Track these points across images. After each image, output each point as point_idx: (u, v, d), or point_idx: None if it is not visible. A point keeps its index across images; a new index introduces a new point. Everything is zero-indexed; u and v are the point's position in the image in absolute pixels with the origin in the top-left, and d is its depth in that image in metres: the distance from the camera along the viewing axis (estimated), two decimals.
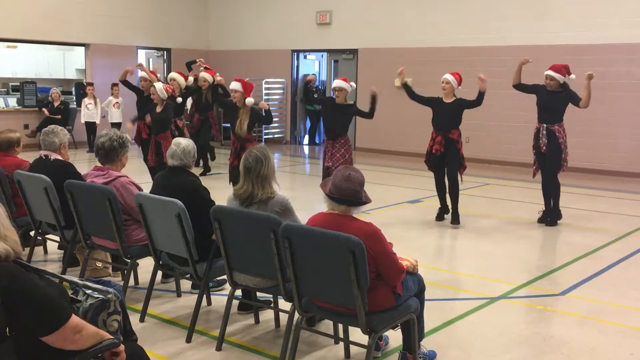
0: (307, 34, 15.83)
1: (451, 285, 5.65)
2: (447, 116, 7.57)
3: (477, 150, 13.16)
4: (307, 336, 4.29)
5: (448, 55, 13.56)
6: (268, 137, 16.62)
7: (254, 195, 4.01)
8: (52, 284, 2.56)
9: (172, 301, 5.03)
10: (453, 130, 7.54)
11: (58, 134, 5.46)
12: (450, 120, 7.55)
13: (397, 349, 4.03)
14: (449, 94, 7.62)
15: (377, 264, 3.39)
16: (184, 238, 4.16)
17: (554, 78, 7.52)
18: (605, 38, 11.76)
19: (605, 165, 12.00)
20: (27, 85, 14.92)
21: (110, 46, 15.62)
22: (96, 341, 2.51)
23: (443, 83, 7.64)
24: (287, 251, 3.50)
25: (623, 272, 6.04)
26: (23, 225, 5.72)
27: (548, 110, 7.65)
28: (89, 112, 14.27)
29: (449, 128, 7.54)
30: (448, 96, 7.63)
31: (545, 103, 7.64)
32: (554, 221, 7.74)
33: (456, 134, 7.56)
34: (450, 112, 7.56)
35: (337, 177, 3.47)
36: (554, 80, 7.53)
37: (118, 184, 4.74)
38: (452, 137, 7.52)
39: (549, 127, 7.61)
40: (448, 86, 7.60)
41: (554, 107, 7.62)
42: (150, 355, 2.92)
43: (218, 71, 10.16)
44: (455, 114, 7.57)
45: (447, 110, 7.58)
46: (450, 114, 7.56)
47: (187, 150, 4.63)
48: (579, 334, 4.53)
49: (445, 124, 7.56)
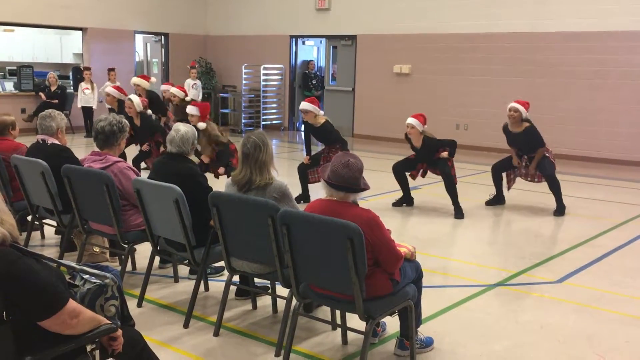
0: (306, 19, 15.75)
1: (448, 272, 5.66)
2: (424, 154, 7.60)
3: (475, 138, 13.16)
4: (305, 322, 4.30)
5: (448, 42, 13.52)
6: (266, 123, 16.58)
7: (252, 181, 4.00)
8: (49, 269, 2.56)
9: (169, 287, 5.04)
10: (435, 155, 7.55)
11: (55, 119, 5.43)
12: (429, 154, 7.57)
13: (394, 335, 4.04)
14: (416, 138, 7.50)
15: (375, 251, 3.39)
16: (181, 224, 4.16)
17: (518, 110, 7.61)
18: (606, 25, 11.72)
19: (603, 154, 12.01)
20: (24, 69, 14.84)
21: (107, 30, 15.52)
22: (93, 326, 2.51)
23: (408, 128, 7.49)
24: (285, 237, 3.50)
25: (620, 260, 6.06)
26: (20, 210, 5.71)
27: (519, 147, 7.82)
28: (86, 96, 14.20)
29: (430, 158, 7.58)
30: (417, 140, 7.54)
31: (514, 142, 7.81)
32: (561, 212, 7.73)
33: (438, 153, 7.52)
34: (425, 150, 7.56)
35: (336, 163, 3.46)
36: (517, 112, 7.61)
37: (116, 169, 4.72)
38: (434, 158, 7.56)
39: (529, 155, 7.77)
40: (413, 131, 7.44)
41: (522, 144, 7.75)
42: (148, 341, 2.92)
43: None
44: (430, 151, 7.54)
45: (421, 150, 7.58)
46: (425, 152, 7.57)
47: (186, 138, 4.62)
48: (575, 321, 4.55)
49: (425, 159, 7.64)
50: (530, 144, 7.68)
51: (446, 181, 7.53)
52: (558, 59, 12.25)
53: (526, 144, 7.71)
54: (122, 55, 15.77)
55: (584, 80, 11.99)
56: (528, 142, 7.68)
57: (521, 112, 7.59)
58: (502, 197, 8.19)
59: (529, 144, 7.69)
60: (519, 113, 7.59)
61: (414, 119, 7.43)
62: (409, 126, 7.44)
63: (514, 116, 7.62)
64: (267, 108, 16.71)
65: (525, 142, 7.69)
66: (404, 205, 7.99)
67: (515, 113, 7.61)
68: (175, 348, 3.96)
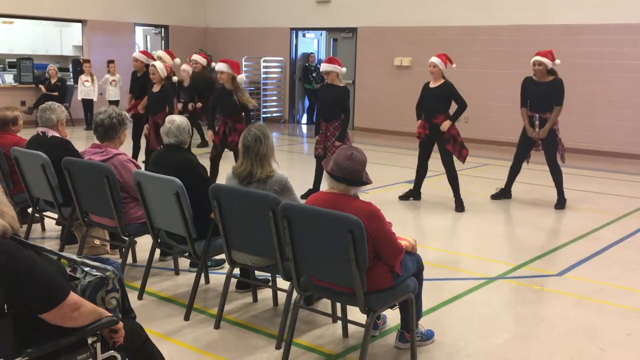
0: (306, 12, 15.69)
1: (449, 265, 5.66)
2: (433, 100, 7.39)
3: (475, 131, 13.13)
4: (305, 315, 4.30)
5: (448, 35, 13.48)
6: (266, 115, 16.56)
7: (253, 173, 4.00)
8: (50, 261, 2.56)
9: (170, 279, 5.04)
10: (438, 115, 7.35)
11: (55, 111, 5.42)
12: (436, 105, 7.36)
13: (395, 328, 4.04)
14: (438, 77, 7.39)
15: (376, 244, 3.39)
16: (182, 216, 4.15)
17: (542, 62, 7.45)
18: (606, 18, 11.68)
19: (603, 146, 12.00)
20: (23, 61, 14.81)
21: (107, 22, 15.48)
22: (94, 319, 2.50)
23: (430, 67, 7.40)
24: (286, 230, 3.49)
25: (620, 253, 6.06)
26: (21, 203, 5.70)
27: (538, 100, 7.58)
28: (86, 89, 14.17)
29: (433, 113, 7.37)
30: (437, 80, 7.41)
31: (535, 93, 7.60)
32: (562, 205, 7.70)
33: (440, 119, 7.34)
34: (436, 96, 7.37)
35: (340, 155, 3.45)
36: (542, 65, 7.46)
37: (116, 162, 4.71)
38: (436, 122, 7.35)
39: (542, 116, 7.56)
40: (436, 69, 7.35)
41: (543, 96, 7.54)
42: (149, 333, 2.92)
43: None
44: (442, 99, 7.37)
45: (433, 94, 7.40)
46: (436, 98, 7.37)
47: (182, 127, 4.60)
48: (576, 314, 4.55)
49: (430, 109, 7.41)
50: (552, 99, 7.48)
51: (447, 174, 7.51)
52: (559, 51, 12.14)
53: (547, 97, 7.48)
54: (122, 47, 15.72)
55: (584, 73, 11.96)
56: (550, 96, 7.47)
57: (545, 64, 7.42)
58: (509, 192, 8.11)
59: (550, 98, 7.48)
60: (543, 65, 7.43)
61: (437, 58, 7.35)
62: (432, 65, 7.35)
63: (539, 70, 7.44)
64: (267, 101, 16.68)
65: (547, 94, 7.47)
66: (410, 199, 7.92)
67: (540, 66, 7.44)
68: (176, 340, 3.97)
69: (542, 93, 7.53)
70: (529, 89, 7.67)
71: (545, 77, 7.52)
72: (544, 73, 7.50)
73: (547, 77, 7.52)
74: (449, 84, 7.38)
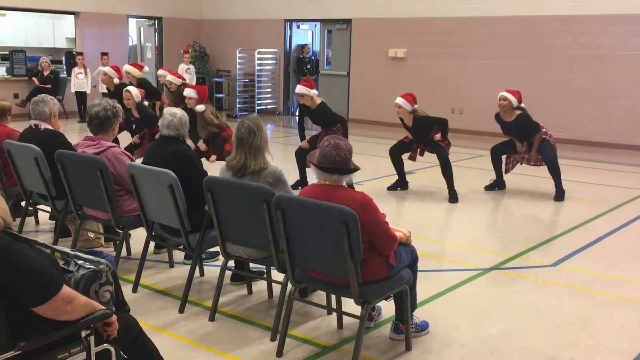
0: (301, 3, 15.64)
1: (444, 256, 5.67)
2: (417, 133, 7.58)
3: (470, 122, 13.14)
4: (300, 307, 4.30)
5: (443, 26, 13.45)
6: (261, 107, 16.52)
7: (247, 166, 3.98)
8: (42, 254, 2.55)
9: (164, 272, 5.03)
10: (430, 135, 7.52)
11: (48, 103, 5.40)
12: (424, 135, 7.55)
13: (390, 319, 4.05)
14: (407, 117, 7.44)
15: (370, 234, 3.38)
16: (176, 209, 4.14)
17: (507, 98, 7.53)
18: (601, 8, 11.67)
19: (598, 137, 12.02)
20: (16, 54, 14.73)
21: (100, 14, 15.39)
22: (88, 312, 2.50)
23: (396, 107, 7.41)
24: (280, 222, 3.49)
25: (615, 244, 6.08)
26: (14, 196, 5.68)
27: (515, 134, 7.74)
28: (79, 81, 14.11)
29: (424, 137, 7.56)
30: (408, 120, 7.48)
31: (508, 130, 7.76)
32: (560, 197, 7.71)
33: (432, 134, 7.49)
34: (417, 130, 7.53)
35: (325, 147, 3.44)
36: (506, 101, 7.53)
37: (109, 154, 4.70)
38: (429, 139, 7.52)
39: (528, 141, 7.69)
40: (401, 110, 7.38)
41: (516, 132, 7.69)
42: (143, 326, 2.91)
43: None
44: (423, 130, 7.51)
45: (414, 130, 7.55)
46: (418, 131, 7.54)
47: (183, 121, 4.62)
48: (570, 304, 4.57)
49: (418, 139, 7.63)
50: (525, 131, 7.63)
51: (442, 164, 7.52)
52: (554, 42, 12.21)
53: (521, 132, 7.66)
54: (116, 39, 15.66)
55: (579, 64, 11.97)
56: (522, 130, 7.63)
57: (510, 100, 7.52)
58: (502, 182, 8.14)
59: (524, 131, 7.64)
60: (508, 102, 7.53)
61: (401, 99, 7.37)
62: (397, 105, 7.39)
63: (503, 105, 7.56)
64: (261, 93, 16.63)
65: (519, 130, 7.64)
66: (398, 189, 7.98)
67: (505, 102, 7.55)
68: (170, 333, 3.97)
69: (514, 130, 7.69)
70: (502, 126, 7.82)
71: (510, 113, 7.58)
72: (509, 108, 7.57)
73: (512, 114, 7.57)
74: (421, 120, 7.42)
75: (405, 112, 7.38)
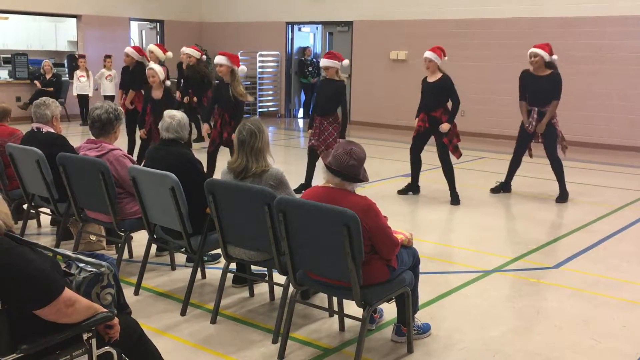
0: (302, 6, 15.65)
1: (445, 258, 5.66)
2: (431, 95, 7.35)
3: (472, 124, 13.13)
4: (302, 309, 4.30)
5: (444, 28, 13.45)
6: (262, 110, 16.52)
7: (249, 168, 3.99)
8: (44, 257, 2.55)
9: (166, 274, 5.03)
10: (437, 109, 7.31)
11: (50, 106, 5.40)
12: (434, 99, 7.32)
13: (392, 321, 4.05)
14: (434, 70, 7.32)
15: (372, 238, 3.38)
16: (177, 211, 4.14)
17: (538, 54, 7.36)
18: (601, 10, 11.67)
19: (599, 139, 12.00)
20: (18, 57, 14.74)
21: (102, 17, 15.42)
22: (90, 314, 2.50)
23: (425, 62, 7.32)
24: (282, 224, 3.49)
25: (616, 245, 6.07)
26: (16, 199, 5.69)
27: (537, 93, 7.50)
28: (81, 84, 14.13)
29: (432, 107, 7.33)
30: (433, 74, 7.34)
31: (533, 87, 7.51)
32: (563, 198, 7.66)
33: (439, 113, 7.30)
34: (434, 90, 7.32)
35: (339, 149, 3.45)
36: (538, 57, 7.37)
37: (111, 157, 4.70)
38: (435, 115, 7.31)
39: (540, 109, 7.50)
40: (431, 64, 7.27)
41: (542, 90, 7.47)
42: (145, 328, 2.92)
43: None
44: (440, 93, 7.30)
45: (431, 89, 7.36)
46: (434, 92, 7.32)
47: (182, 123, 4.61)
48: (572, 306, 4.56)
49: (428, 103, 7.37)
50: (549, 92, 7.41)
51: (443, 168, 7.50)
52: (555, 44, 12.15)
53: (546, 91, 7.41)
54: (117, 42, 15.66)
55: (580, 66, 11.95)
56: (549, 90, 7.40)
57: (542, 56, 7.34)
58: (509, 186, 8.07)
59: (549, 92, 7.41)
60: (539, 57, 7.34)
61: (431, 52, 7.25)
62: (427, 60, 7.25)
63: (535, 62, 7.36)
64: (263, 95, 16.65)
65: (545, 88, 7.40)
66: (409, 193, 7.88)
67: (536, 58, 7.36)
68: (172, 335, 3.97)
69: (541, 87, 7.46)
70: (527, 83, 7.60)
71: (542, 69, 7.44)
72: (541, 65, 7.41)
73: (544, 70, 7.44)
74: (446, 78, 7.30)
75: (434, 66, 7.26)
